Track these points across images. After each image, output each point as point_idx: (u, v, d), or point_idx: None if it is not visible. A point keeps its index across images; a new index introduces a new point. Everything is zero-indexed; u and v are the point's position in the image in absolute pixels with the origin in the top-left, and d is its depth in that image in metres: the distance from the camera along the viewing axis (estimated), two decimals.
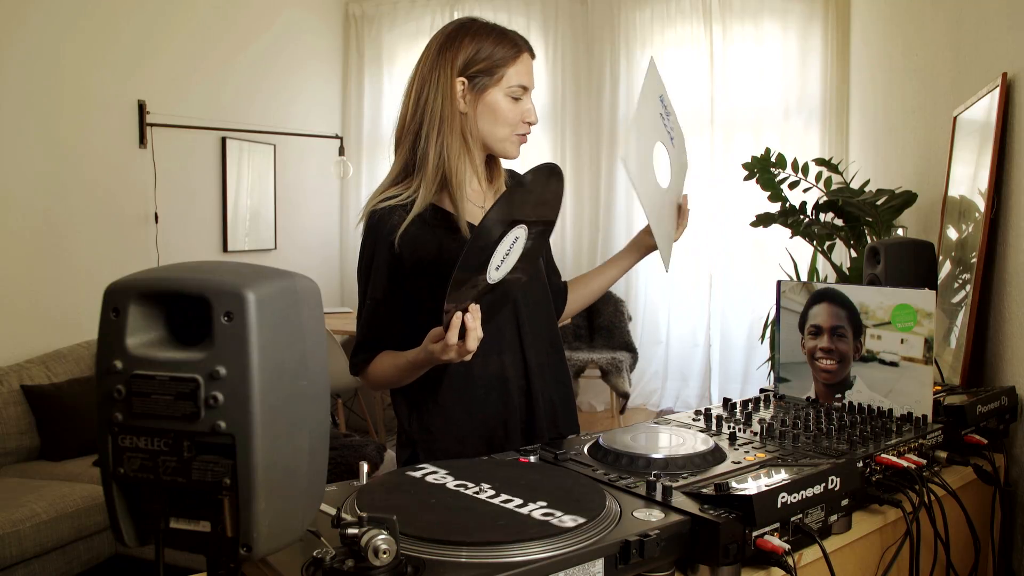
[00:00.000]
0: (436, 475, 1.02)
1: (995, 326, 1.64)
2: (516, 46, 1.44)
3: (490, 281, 1.25)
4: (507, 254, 1.26)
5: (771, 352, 1.64)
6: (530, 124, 1.47)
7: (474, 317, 1.21)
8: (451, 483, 0.99)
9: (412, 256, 1.41)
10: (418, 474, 1.03)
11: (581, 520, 0.87)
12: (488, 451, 1.41)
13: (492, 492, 0.95)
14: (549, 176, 1.29)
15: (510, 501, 0.92)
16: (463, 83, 1.41)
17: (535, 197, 1.28)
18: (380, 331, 1.44)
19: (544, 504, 0.91)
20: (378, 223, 1.43)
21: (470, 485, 0.97)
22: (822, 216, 2.65)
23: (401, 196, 1.43)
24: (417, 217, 1.41)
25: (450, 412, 1.44)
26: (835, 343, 1.46)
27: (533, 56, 1.48)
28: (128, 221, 4.16)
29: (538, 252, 1.39)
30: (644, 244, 1.70)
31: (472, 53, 1.41)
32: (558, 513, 0.88)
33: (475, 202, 1.49)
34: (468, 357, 1.24)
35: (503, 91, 1.42)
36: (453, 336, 1.20)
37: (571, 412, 1.56)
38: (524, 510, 0.89)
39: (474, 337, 1.21)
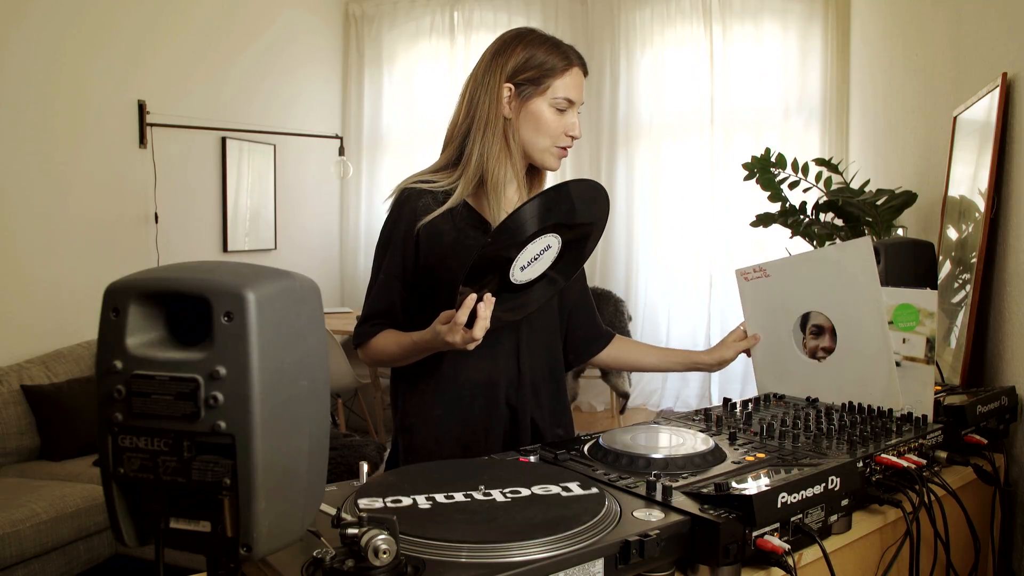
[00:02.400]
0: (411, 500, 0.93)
1: (995, 326, 1.64)
2: (567, 59, 1.45)
3: (512, 279, 1.25)
4: (535, 258, 1.26)
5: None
6: (573, 138, 1.47)
7: (487, 306, 1.21)
8: (441, 496, 0.95)
9: (427, 242, 1.43)
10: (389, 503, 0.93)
11: (594, 489, 0.88)
12: (464, 455, 1.41)
13: (492, 492, 0.95)
14: (596, 193, 1.31)
15: (512, 500, 0.92)
16: (510, 89, 1.43)
17: (576, 209, 1.29)
18: (387, 307, 1.46)
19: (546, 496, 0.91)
20: (404, 201, 1.46)
21: (469, 485, 0.97)
22: (822, 216, 2.65)
23: (438, 183, 1.46)
24: (448, 211, 1.43)
25: (430, 410, 1.44)
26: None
27: (586, 73, 1.49)
28: (128, 221, 4.16)
29: (568, 276, 1.39)
30: (694, 362, 1.64)
31: (522, 61, 1.43)
32: (566, 485, 0.88)
33: (512, 208, 1.49)
34: (471, 346, 1.25)
35: (547, 101, 1.43)
36: (463, 316, 1.21)
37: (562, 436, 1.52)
38: (527, 504, 0.89)
39: (482, 327, 1.22)
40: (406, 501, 0.92)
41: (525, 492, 0.95)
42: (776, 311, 1.51)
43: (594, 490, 0.96)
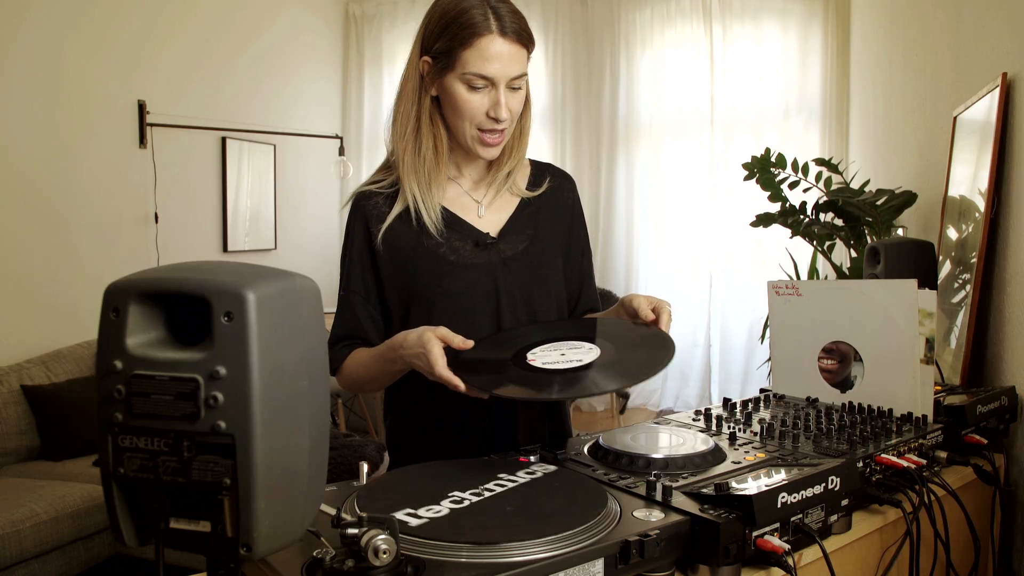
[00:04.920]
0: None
1: (995, 326, 1.64)
2: (472, 25, 1.20)
3: (527, 359, 1.18)
4: (562, 354, 1.19)
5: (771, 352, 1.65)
6: (496, 120, 1.26)
7: (470, 390, 1.12)
8: (445, 487, 0.98)
9: (386, 247, 1.33)
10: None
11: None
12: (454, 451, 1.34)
13: (492, 492, 0.95)
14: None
15: (512, 500, 0.92)
16: (427, 63, 1.27)
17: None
18: (354, 327, 1.35)
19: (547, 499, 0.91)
20: (355, 208, 1.35)
21: (470, 485, 0.97)
22: (822, 216, 2.65)
23: (383, 182, 1.35)
24: (403, 212, 1.33)
25: (419, 417, 1.36)
26: (836, 343, 1.46)
27: (509, 36, 1.22)
28: (128, 221, 4.16)
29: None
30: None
31: (435, 29, 1.25)
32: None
33: (473, 195, 1.39)
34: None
35: (458, 78, 1.23)
36: (449, 380, 1.11)
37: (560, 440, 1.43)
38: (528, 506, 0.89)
39: (456, 390, 1.13)
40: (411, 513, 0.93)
41: (521, 491, 0.95)
42: (803, 331, 1.50)
43: (595, 491, 0.95)
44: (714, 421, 1.32)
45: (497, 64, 1.22)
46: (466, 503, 0.92)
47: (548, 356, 1.18)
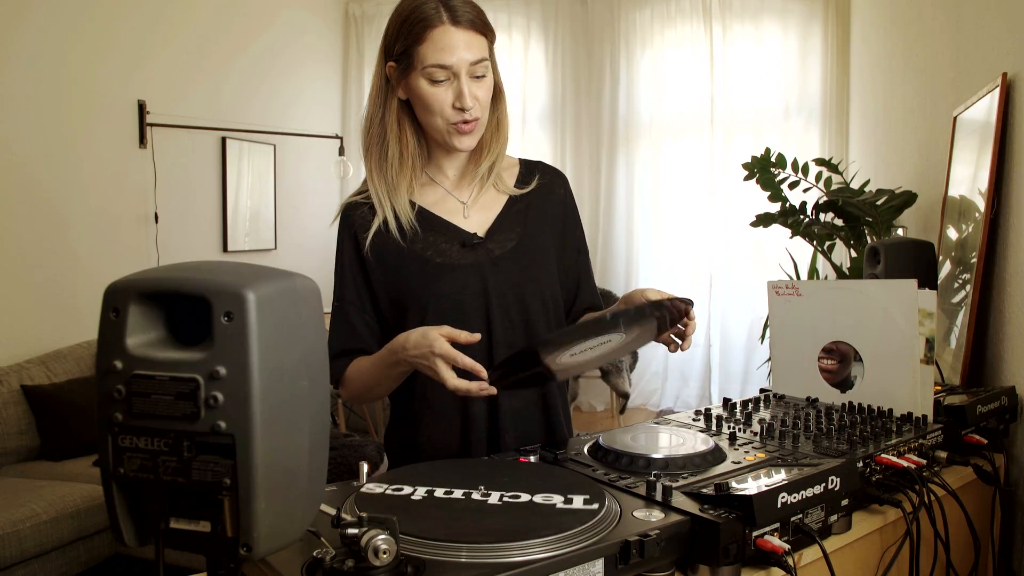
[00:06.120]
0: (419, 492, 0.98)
1: (995, 326, 1.64)
2: (424, 19, 1.23)
3: (551, 364, 1.18)
4: (590, 349, 1.18)
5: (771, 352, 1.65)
6: (463, 109, 1.26)
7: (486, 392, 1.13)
8: (440, 492, 0.97)
9: (375, 257, 1.34)
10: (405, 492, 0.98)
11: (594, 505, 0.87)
12: (447, 456, 1.33)
13: (492, 492, 0.95)
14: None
15: (511, 500, 0.92)
16: (392, 67, 1.29)
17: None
18: (350, 337, 1.35)
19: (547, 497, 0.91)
20: (344, 220, 1.37)
21: (470, 485, 0.97)
22: (822, 216, 2.65)
23: (367, 192, 1.37)
24: (386, 221, 1.33)
25: (415, 414, 1.36)
26: (836, 343, 1.46)
27: (462, 25, 1.24)
28: (128, 221, 4.16)
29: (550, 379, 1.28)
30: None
31: (393, 32, 1.28)
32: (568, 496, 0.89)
33: (458, 196, 1.38)
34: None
35: (420, 74, 1.25)
36: (458, 385, 1.12)
37: (557, 436, 1.40)
38: (528, 505, 0.89)
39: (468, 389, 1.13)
40: (407, 490, 0.94)
41: (525, 496, 0.95)
42: (803, 331, 1.50)
43: (595, 506, 0.95)
44: (714, 421, 1.32)
45: (452, 53, 1.23)
46: (466, 502, 0.92)
47: (581, 356, 1.19)
